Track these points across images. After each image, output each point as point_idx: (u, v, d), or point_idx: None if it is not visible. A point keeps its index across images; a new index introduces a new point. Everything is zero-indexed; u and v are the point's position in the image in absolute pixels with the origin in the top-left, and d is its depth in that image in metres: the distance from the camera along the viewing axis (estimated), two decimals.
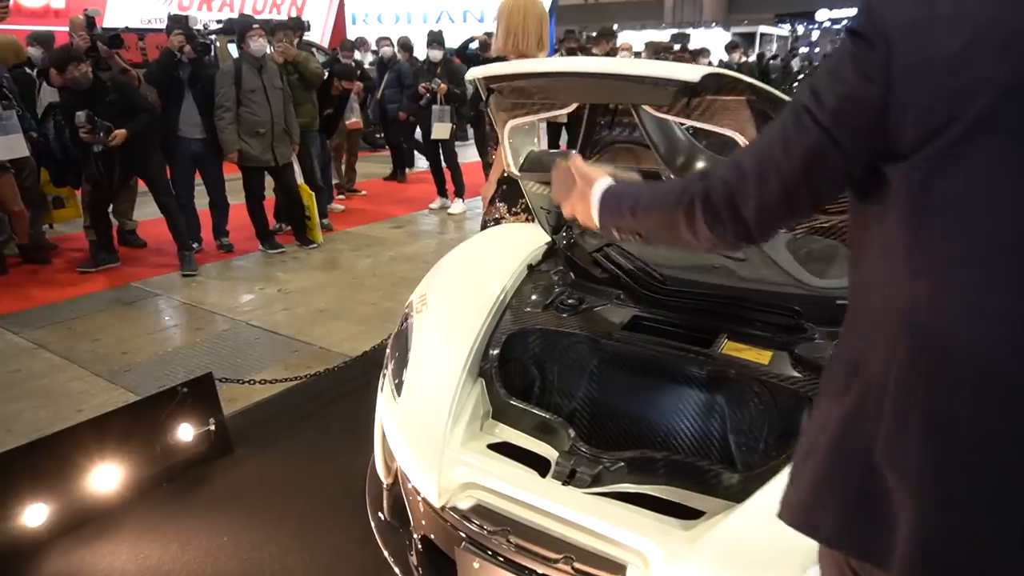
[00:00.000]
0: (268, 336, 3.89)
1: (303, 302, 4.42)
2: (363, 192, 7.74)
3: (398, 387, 1.94)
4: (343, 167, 7.74)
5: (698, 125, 1.54)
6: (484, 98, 1.95)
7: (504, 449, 1.77)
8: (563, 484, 1.56)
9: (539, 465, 1.68)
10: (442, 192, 7.18)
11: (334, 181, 7.53)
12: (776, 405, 1.75)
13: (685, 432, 1.88)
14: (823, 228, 1.84)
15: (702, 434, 1.85)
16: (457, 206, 7.10)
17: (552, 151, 2.44)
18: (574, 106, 1.90)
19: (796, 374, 1.70)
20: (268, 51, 5.54)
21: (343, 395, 3.04)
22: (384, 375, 2.07)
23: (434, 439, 1.74)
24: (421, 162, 8.73)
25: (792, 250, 2.34)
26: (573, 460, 1.60)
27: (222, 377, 2.78)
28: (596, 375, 2.02)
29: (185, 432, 2.50)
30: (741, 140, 1.49)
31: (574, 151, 1.99)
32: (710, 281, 2.14)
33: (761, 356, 1.79)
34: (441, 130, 6.73)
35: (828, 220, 1.82)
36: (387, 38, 9.10)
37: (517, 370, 2.07)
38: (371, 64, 9.45)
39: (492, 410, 1.90)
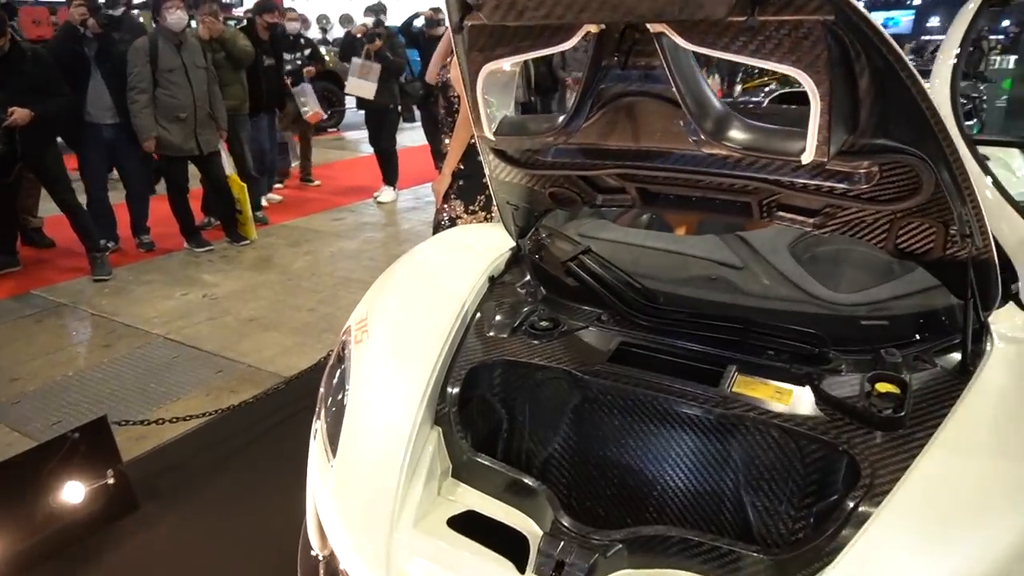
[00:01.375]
0: (188, 353, 3.40)
1: (231, 309, 3.93)
2: (317, 183, 7.19)
3: (332, 444, 1.54)
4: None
5: (750, 61, 1.13)
6: (456, 23, 1.42)
7: (469, 524, 1.40)
8: None
9: (514, 547, 1.32)
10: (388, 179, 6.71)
11: (293, 164, 6.97)
12: (801, 457, 1.42)
13: (688, 492, 1.54)
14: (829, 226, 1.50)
15: (710, 494, 1.51)
16: (387, 194, 6.61)
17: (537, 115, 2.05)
18: (578, 37, 1.31)
19: (822, 415, 1.37)
20: (191, 26, 4.98)
21: (274, 428, 2.61)
22: (316, 426, 1.67)
23: (379, 519, 1.35)
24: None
25: (795, 255, 2.02)
26: (559, 546, 1.24)
27: (120, 420, 2.32)
28: (577, 418, 1.66)
29: (75, 490, 2.05)
30: (808, 83, 1.07)
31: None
32: (710, 298, 1.79)
33: (780, 395, 1.45)
34: (360, 86, 6.03)
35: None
36: (292, 9, 7.69)
37: (480, 410, 1.70)
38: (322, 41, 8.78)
39: (452, 467, 1.52)
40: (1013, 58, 8.09)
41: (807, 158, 1.14)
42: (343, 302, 3.97)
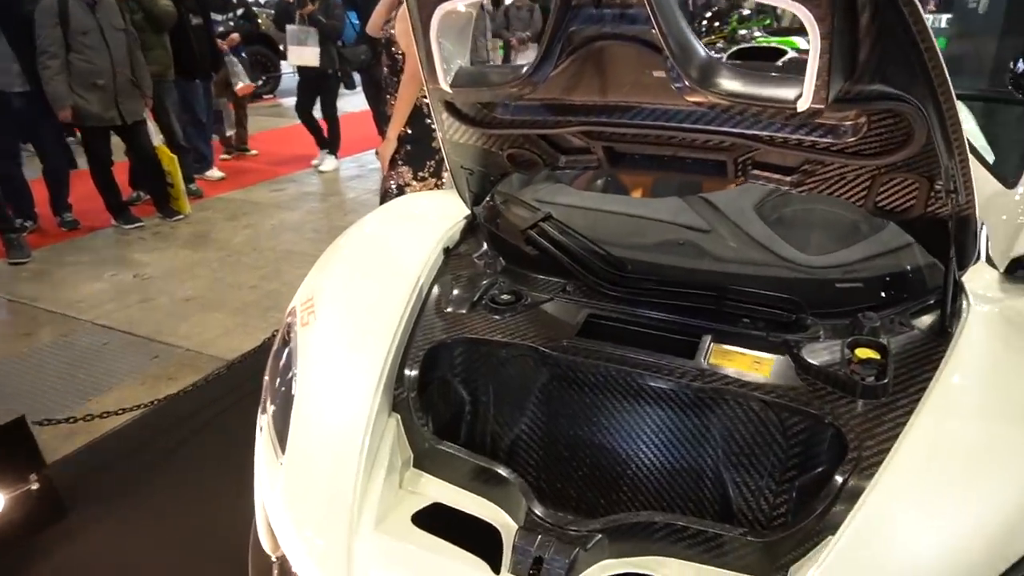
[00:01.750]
0: (120, 339, 3.16)
1: (166, 289, 3.69)
2: (254, 152, 6.81)
3: (281, 439, 1.40)
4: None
5: None
6: None
7: (436, 519, 1.29)
8: None
9: (486, 542, 1.22)
10: (322, 144, 6.41)
11: (228, 133, 6.57)
12: (783, 430, 1.35)
13: (664, 469, 1.46)
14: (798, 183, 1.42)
15: (687, 471, 1.44)
16: (328, 162, 6.34)
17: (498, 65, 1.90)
18: None
19: (803, 386, 1.30)
20: None
21: (218, 417, 2.43)
22: (261, 421, 1.52)
23: (337, 521, 1.22)
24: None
25: (762, 216, 1.95)
26: (536, 541, 1.14)
27: (42, 419, 2.11)
28: (545, 397, 1.55)
29: None
30: (808, 20, 0.96)
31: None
32: (679, 264, 1.70)
33: (758, 365, 1.37)
34: (301, 55, 5.73)
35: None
36: None
37: (441, 393, 1.58)
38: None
39: (413, 456, 1.41)
40: (945, 17, 8.23)
41: (803, 104, 1.04)
42: (287, 277, 3.77)
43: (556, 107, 1.48)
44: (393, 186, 2.99)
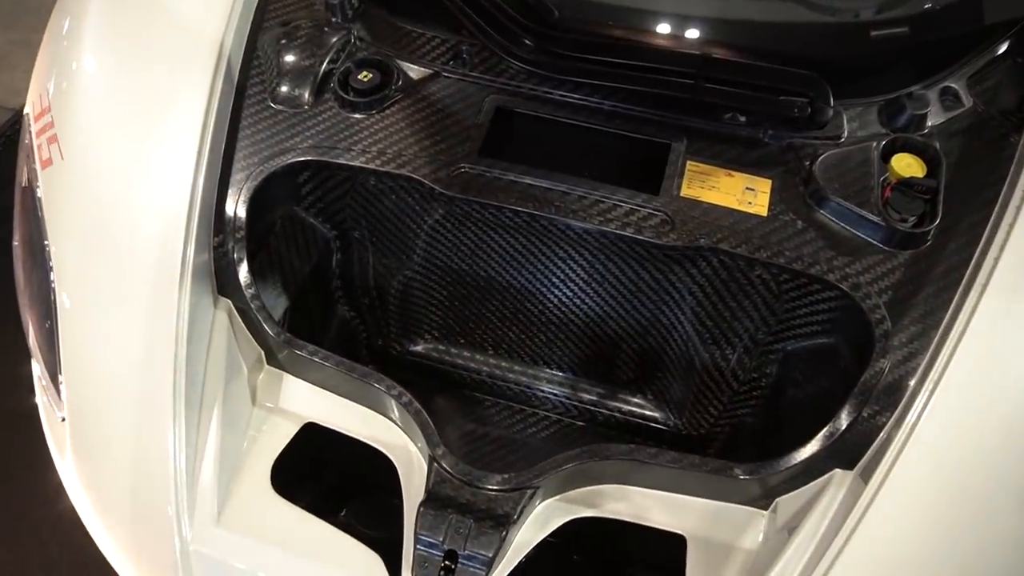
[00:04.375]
0: None
1: None
2: None
3: (53, 379, 0.93)
4: None
5: None
6: None
7: (308, 449, 0.94)
8: None
9: (379, 470, 0.89)
10: None
11: None
12: (779, 295, 0.97)
13: (610, 320, 1.09)
14: None
15: (641, 327, 1.08)
16: None
17: None
18: None
19: (813, 233, 0.89)
20: None
21: None
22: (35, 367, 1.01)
23: (155, 511, 0.84)
24: None
25: None
26: (445, 526, 0.80)
27: None
28: (440, 238, 1.08)
29: None
30: None
31: None
32: (633, 5, 1.07)
33: (752, 195, 0.92)
34: None
35: None
36: None
37: (291, 235, 1.09)
38: None
39: (264, 353, 0.99)
40: None
41: None
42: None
43: None
44: None
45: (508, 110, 1.00)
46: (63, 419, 0.90)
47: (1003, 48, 1.00)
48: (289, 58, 1.05)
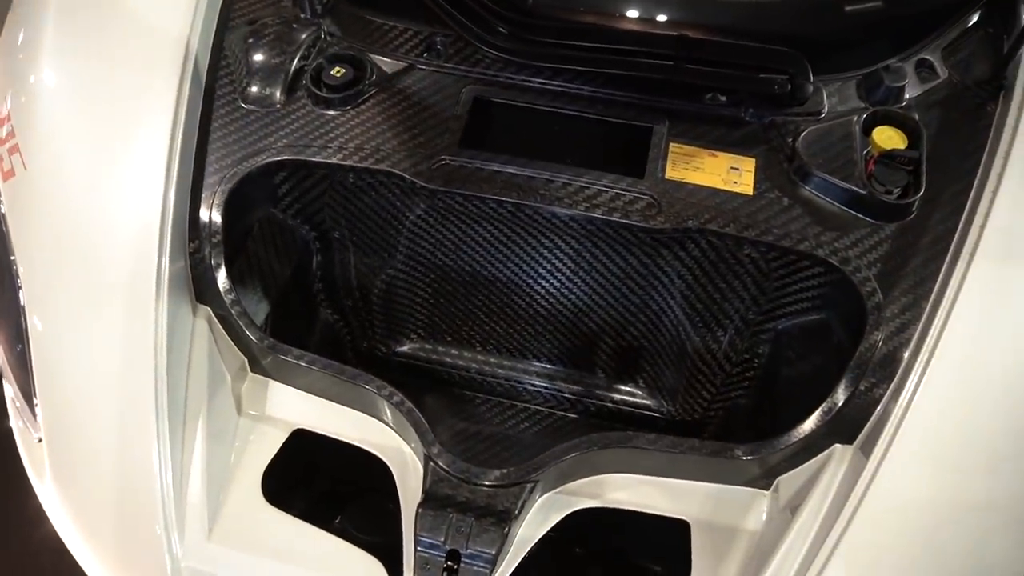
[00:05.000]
0: None
1: None
2: None
3: (27, 398, 0.89)
4: None
5: None
6: None
7: (299, 455, 0.91)
8: None
9: (377, 480, 0.87)
10: None
11: None
12: (768, 273, 0.96)
13: (599, 308, 1.08)
14: None
15: (630, 313, 1.06)
16: None
17: None
18: None
19: (800, 210, 0.88)
20: None
21: None
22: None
23: (144, 531, 0.82)
24: None
25: None
26: (446, 526, 0.78)
27: None
28: (423, 233, 1.06)
29: None
30: None
31: None
32: None
33: (737, 174, 0.91)
34: None
35: None
36: None
37: (270, 239, 1.06)
38: None
39: (248, 360, 0.96)
40: None
41: None
42: None
43: None
44: None
45: (487, 100, 0.98)
46: (40, 440, 0.86)
47: (974, 19, 1.00)
48: (258, 57, 1.02)
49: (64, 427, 0.86)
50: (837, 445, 0.79)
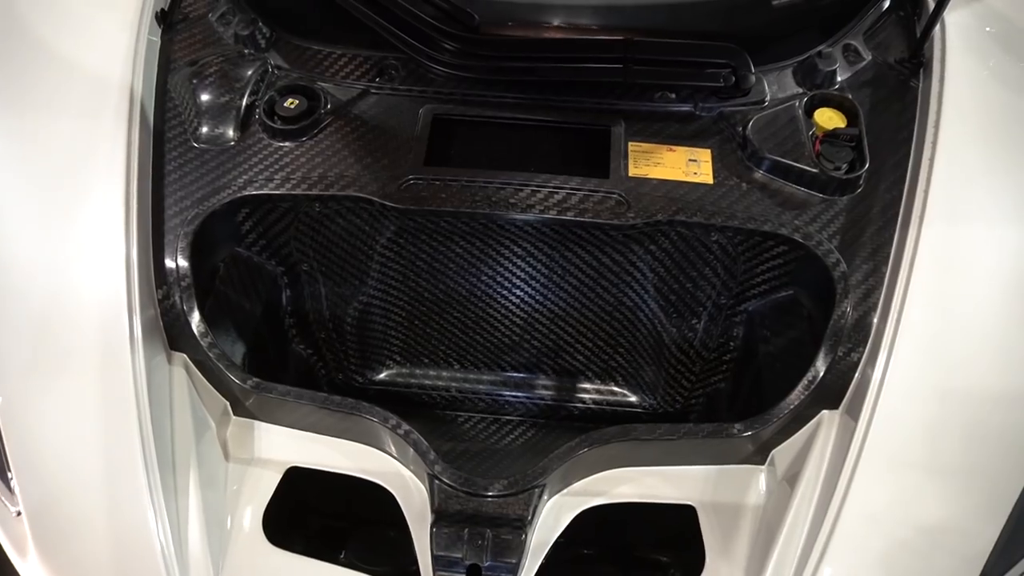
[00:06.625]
0: None
1: None
2: None
3: (4, 477, 0.84)
4: None
5: None
6: None
7: (297, 489, 0.89)
8: None
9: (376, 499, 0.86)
10: None
11: None
12: (734, 257, 1.00)
13: (576, 309, 1.09)
14: None
15: (605, 311, 1.08)
16: None
17: None
18: None
19: (758, 193, 0.93)
20: None
21: None
22: None
23: None
24: None
25: None
26: (463, 539, 0.77)
27: None
28: (395, 256, 1.06)
29: None
30: None
31: None
32: (547, 1, 1.09)
33: (696, 166, 0.95)
34: None
35: None
36: None
37: (232, 285, 1.03)
38: None
39: (230, 404, 0.93)
40: None
41: None
42: None
43: None
44: None
45: (446, 117, 0.99)
46: (19, 513, 0.81)
47: (887, 3, 1.08)
48: (206, 96, 1.01)
49: (46, 498, 0.82)
50: (824, 411, 0.83)
